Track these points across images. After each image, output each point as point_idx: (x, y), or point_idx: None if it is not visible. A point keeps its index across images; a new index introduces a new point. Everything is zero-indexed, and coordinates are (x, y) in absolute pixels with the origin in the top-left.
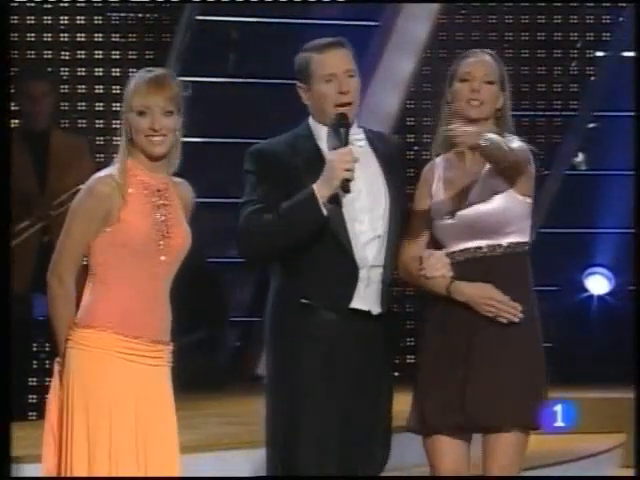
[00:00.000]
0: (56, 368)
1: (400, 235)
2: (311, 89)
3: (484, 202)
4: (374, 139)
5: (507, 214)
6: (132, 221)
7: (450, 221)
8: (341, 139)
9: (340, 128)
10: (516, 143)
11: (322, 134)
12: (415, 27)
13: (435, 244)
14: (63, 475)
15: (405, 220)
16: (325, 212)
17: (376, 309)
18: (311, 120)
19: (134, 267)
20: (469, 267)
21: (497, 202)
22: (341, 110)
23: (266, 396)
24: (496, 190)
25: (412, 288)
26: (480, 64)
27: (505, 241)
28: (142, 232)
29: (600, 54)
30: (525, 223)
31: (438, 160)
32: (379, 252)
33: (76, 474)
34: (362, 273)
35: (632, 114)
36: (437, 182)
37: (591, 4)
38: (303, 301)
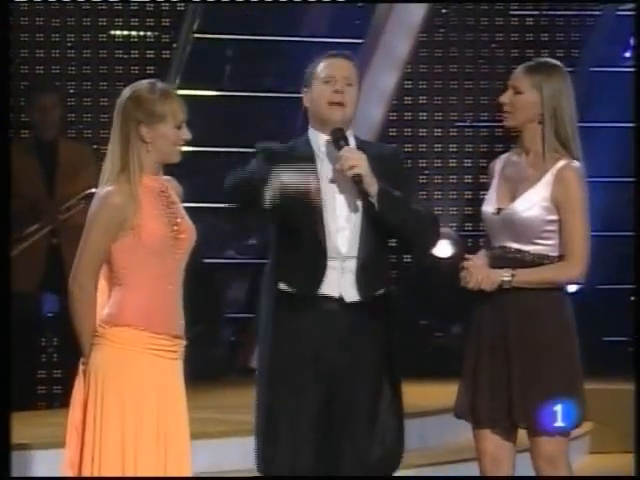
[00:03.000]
0: (81, 368)
1: (376, 231)
2: (312, 91)
3: (526, 207)
4: (363, 145)
5: (542, 225)
6: (148, 224)
7: (493, 216)
8: (340, 149)
9: (340, 141)
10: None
11: (316, 139)
12: (397, 44)
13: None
14: (88, 467)
15: (373, 213)
16: None
17: (351, 296)
18: (310, 131)
19: (154, 266)
20: (500, 264)
21: (535, 211)
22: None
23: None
24: (538, 200)
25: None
26: (513, 77)
27: (534, 249)
28: (159, 233)
29: (570, 69)
30: (555, 239)
31: (503, 156)
32: (353, 245)
33: (108, 468)
34: (335, 263)
35: (632, 124)
36: (496, 177)
37: (561, 20)
38: (281, 287)
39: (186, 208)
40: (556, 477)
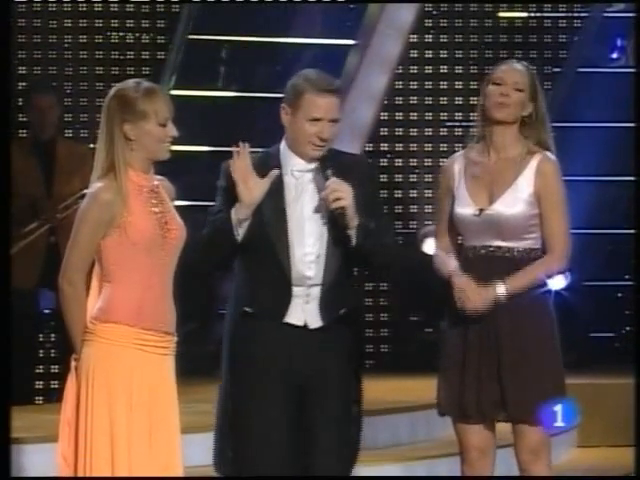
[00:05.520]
0: (72, 364)
1: (339, 256)
2: (294, 119)
3: (510, 206)
4: (335, 159)
5: (527, 221)
6: (137, 222)
7: (475, 218)
8: (328, 179)
9: (327, 170)
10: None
11: (288, 159)
12: (388, 45)
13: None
14: (80, 460)
15: (345, 241)
16: (239, 236)
17: (315, 323)
18: (283, 143)
19: (143, 263)
20: (488, 263)
21: (520, 208)
22: (316, 150)
23: (219, 391)
24: (522, 197)
25: (386, 284)
26: (512, 71)
27: (521, 245)
28: (147, 230)
29: (557, 70)
30: (538, 232)
31: (458, 155)
32: (318, 271)
33: (99, 463)
34: (300, 290)
35: (633, 124)
36: (459, 177)
37: (549, 22)
38: (246, 309)
39: (179, 207)
40: (559, 477)
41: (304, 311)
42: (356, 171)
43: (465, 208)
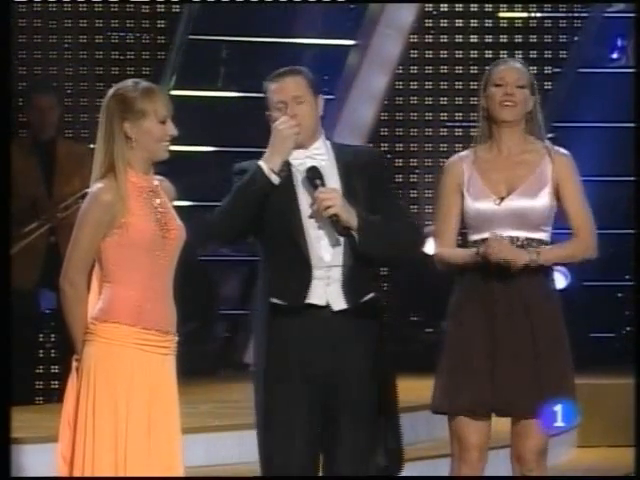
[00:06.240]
0: (74, 365)
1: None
2: (270, 116)
3: (532, 196)
4: (339, 150)
5: (548, 212)
6: (137, 223)
7: (496, 207)
8: (317, 188)
9: (315, 180)
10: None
11: (292, 154)
12: (389, 46)
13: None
14: (80, 461)
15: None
16: (276, 181)
17: (339, 305)
18: None
19: (143, 264)
20: None
21: (544, 199)
22: (310, 163)
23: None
24: (542, 187)
25: (386, 284)
26: (512, 70)
27: (538, 236)
28: (147, 231)
29: (557, 70)
30: (551, 225)
31: (464, 153)
32: (337, 253)
33: (100, 463)
34: (320, 272)
35: (633, 124)
36: (469, 173)
37: (548, 23)
38: (272, 300)
39: (180, 207)
40: (559, 477)
41: (325, 292)
42: (359, 161)
43: (484, 201)
